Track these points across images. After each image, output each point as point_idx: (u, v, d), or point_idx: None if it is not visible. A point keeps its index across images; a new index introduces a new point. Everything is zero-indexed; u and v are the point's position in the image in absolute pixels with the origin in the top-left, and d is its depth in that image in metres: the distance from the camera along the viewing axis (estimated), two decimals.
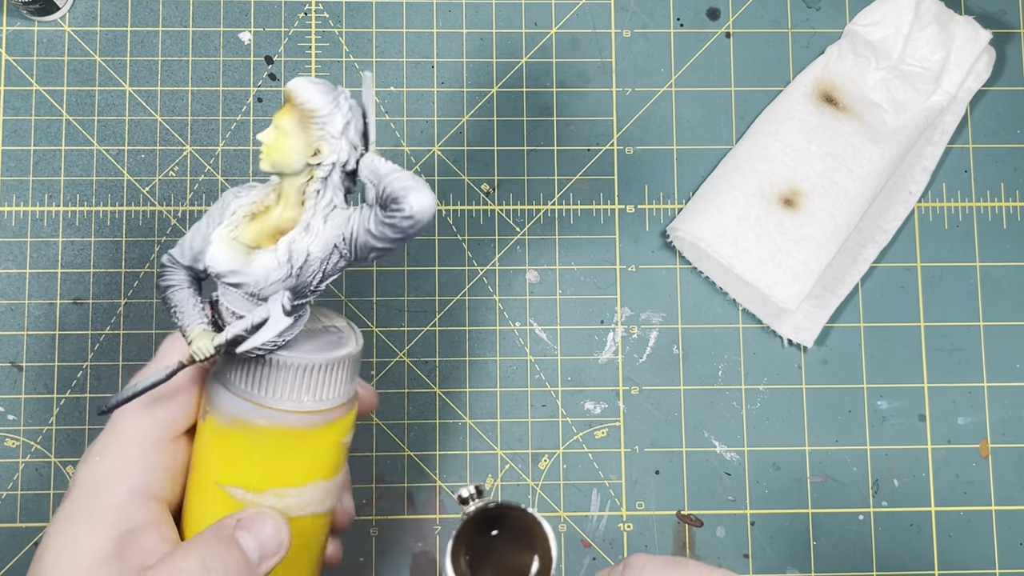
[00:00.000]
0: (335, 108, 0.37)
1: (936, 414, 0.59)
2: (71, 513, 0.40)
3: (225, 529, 0.40)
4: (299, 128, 0.37)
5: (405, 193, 0.36)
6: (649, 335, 0.59)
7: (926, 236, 0.60)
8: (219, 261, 0.38)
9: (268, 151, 0.37)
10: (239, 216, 0.39)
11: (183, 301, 0.39)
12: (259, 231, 0.38)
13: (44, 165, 0.58)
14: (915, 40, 0.59)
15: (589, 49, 0.61)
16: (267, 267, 0.38)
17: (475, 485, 0.42)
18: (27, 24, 0.59)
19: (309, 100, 0.37)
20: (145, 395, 0.41)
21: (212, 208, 0.39)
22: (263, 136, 0.37)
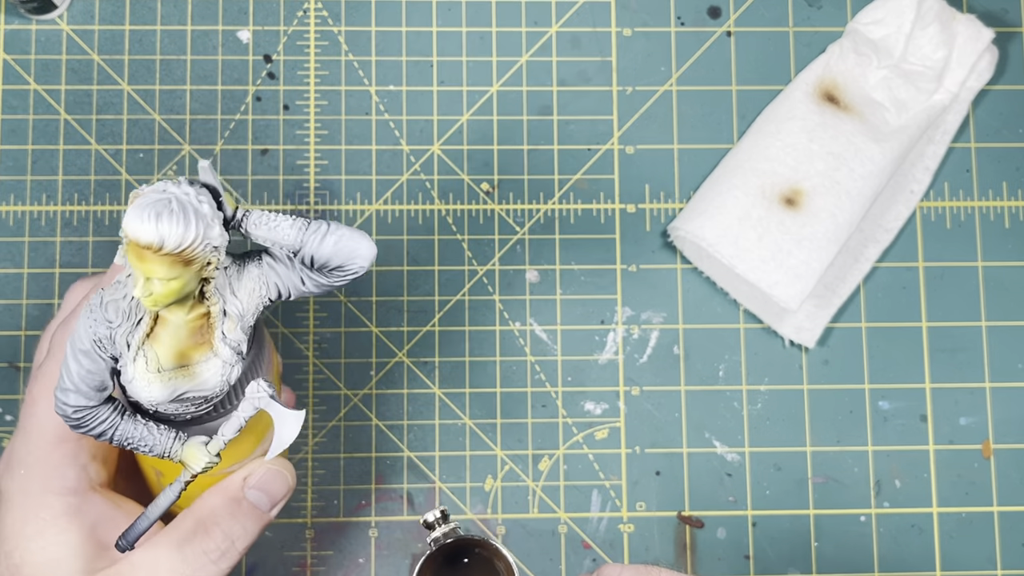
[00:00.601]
0: (204, 224, 0.33)
1: (938, 415, 0.59)
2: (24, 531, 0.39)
3: (234, 492, 0.41)
4: (182, 268, 0.33)
5: (351, 258, 0.34)
6: (650, 335, 0.59)
7: (928, 236, 0.60)
8: (159, 397, 0.35)
9: (157, 300, 0.33)
10: (138, 345, 0.34)
11: (135, 433, 0.36)
12: (174, 349, 0.35)
13: (42, 164, 0.58)
14: (917, 39, 0.59)
15: (589, 48, 0.61)
16: (222, 375, 0.35)
17: (441, 510, 0.43)
18: (25, 23, 0.59)
19: (180, 241, 0.32)
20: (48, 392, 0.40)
21: (82, 344, 0.34)
22: (143, 291, 0.32)
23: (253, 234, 0.34)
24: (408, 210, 0.59)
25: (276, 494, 0.42)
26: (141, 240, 0.32)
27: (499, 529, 0.57)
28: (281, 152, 0.59)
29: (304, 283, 0.35)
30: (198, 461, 0.36)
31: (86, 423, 0.35)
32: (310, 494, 0.57)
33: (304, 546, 0.56)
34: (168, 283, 0.32)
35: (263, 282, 0.35)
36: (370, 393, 0.58)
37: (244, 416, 0.37)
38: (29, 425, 0.40)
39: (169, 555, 0.40)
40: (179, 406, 0.36)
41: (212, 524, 0.40)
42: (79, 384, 0.34)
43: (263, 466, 0.42)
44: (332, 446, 0.57)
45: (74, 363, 0.34)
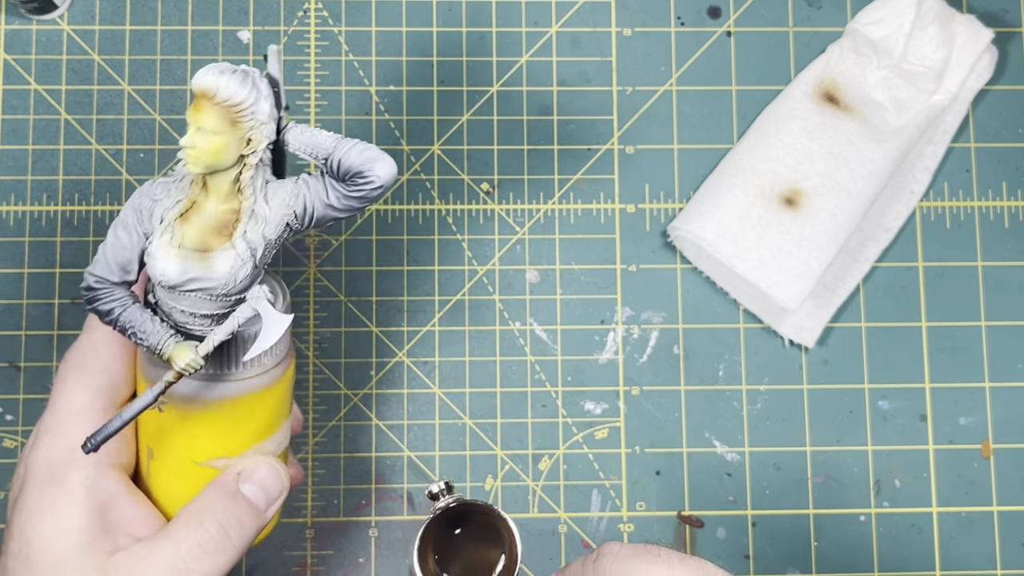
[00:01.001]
0: (257, 94, 0.36)
1: (938, 414, 0.59)
2: (39, 502, 0.40)
3: (228, 485, 0.41)
4: (228, 126, 0.36)
5: (370, 165, 0.36)
6: (650, 335, 0.59)
7: (928, 236, 0.60)
8: (171, 273, 0.37)
9: (198, 155, 0.35)
10: (170, 221, 0.37)
11: (138, 319, 0.38)
12: (200, 231, 0.37)
13: (43, 164, 0.58)
14: (917, 39, 0.59)
15: (589, 48, 0.61)
16: (232, 267, 0.37)
17: (445, 481, 0.43)
18: (25, 23, 0.59)
19: (232, 95, 0.35)
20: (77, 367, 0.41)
21: (126, 218, 0.37)
22: (188, 141, 0.35)
23: (293, 140, 0.37)
24: (408, 210, 0.59)
25: (271, 491, 0.42)
26: (199, 86, 0.35)
27: None
28: None
29: (328, 195, 0.38)
30: (184, 358, 0.37)
31: (100, 297, 0.37)
32: (310, 494, 0.57)
33: (304, 546, 0.56)
34: (212, 137, 0.35)
35: (294, 195, 0.38)
36: (370, 393, 0.58)
37: (240, 317, 0.38)
38: (58, 397, 0.41)
39: (164, 549, 0.39)
40: (192, 301, 0.38)
41: (206, 515, 0.40)
42: (108, 256, 0.37)
43: (256, 462, 0.42)
44: (332, 446, 0.57)
45: (111, 237, 0.37)
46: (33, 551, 0.39)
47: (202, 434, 0.41)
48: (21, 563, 0.39)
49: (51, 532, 0.39)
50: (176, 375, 0.38)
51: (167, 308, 0.38)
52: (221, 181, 0.37)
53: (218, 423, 0.41)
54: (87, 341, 0.42)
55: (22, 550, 0.39)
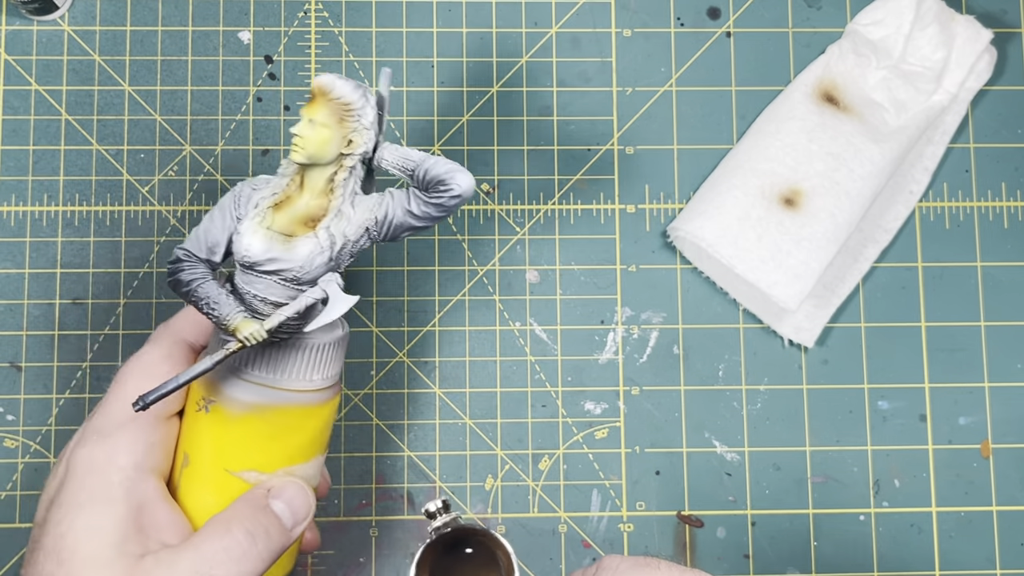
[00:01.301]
0: (365, 102, 0.40)
1: (937, 414, 0.59)
2: (78, 498, 0.40)
3: (259, 499, 0.42)
4: (336, 121, 0.39)
5: (452, 175, 0.40)
6: (649, 335, 0.59)
7: (927, 236, 0.60)
8: (255, 250, 0.40)
9: (305, 144, 0.39)
10: (264, 207, 0.40)
11: (213, 292, 0.40)
12: (289, 220, 0.40)
13: (43, 165, 0.58)
14: (916, 39, 0.59)
15: (589, 48, 0.61)
16: (311, 253, 0.40)
17: (442, 500, 0.43)
18: (26, 23, 0.59)
19: (345, 95, 0.39)
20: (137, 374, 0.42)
21: (224, 202, 0.40)
22: (299, 130, 0.39)
23: (388, 156, 0.41)
24: None
25: (299, 511, 0.43)
26: (319, 83, 0.40)
27: (499, 528, 0.57)
28: (282, 152, 0.59)
29: (410, 202, 0.41)
30: (249, 329, 0.40)
31: (184, 267, 0.40)
32: None
33: None
34: (320, 129, 0.39)
35: (378, 203, 0.41)
36: (370, 393, 0.58)
37: (309, 297, 0.41)
38: (113, 399, 0.42)
39: (189, 555, 0.40)
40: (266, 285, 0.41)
41: (235, 523, 0.41)
42: (200, 234, 0.40)
43: (285, 482, 0.43)
44: (333, 446, 0.57)
45: (206, 219, 0.40)
46: (66, 546, 0.40)
47: (240, 441, 0.42)
48: (53, 558, 0.40)
49: (85, 528, 0.40)
50: (239, 344, 0.40)
51: (242, 291, 0.41)
52: (317, 179, 0.40)
53: (257, 433, 0.42)
54: (150, 351, 0.43)
55: (56, 544, 0.40)
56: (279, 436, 0.42)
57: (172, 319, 0.45)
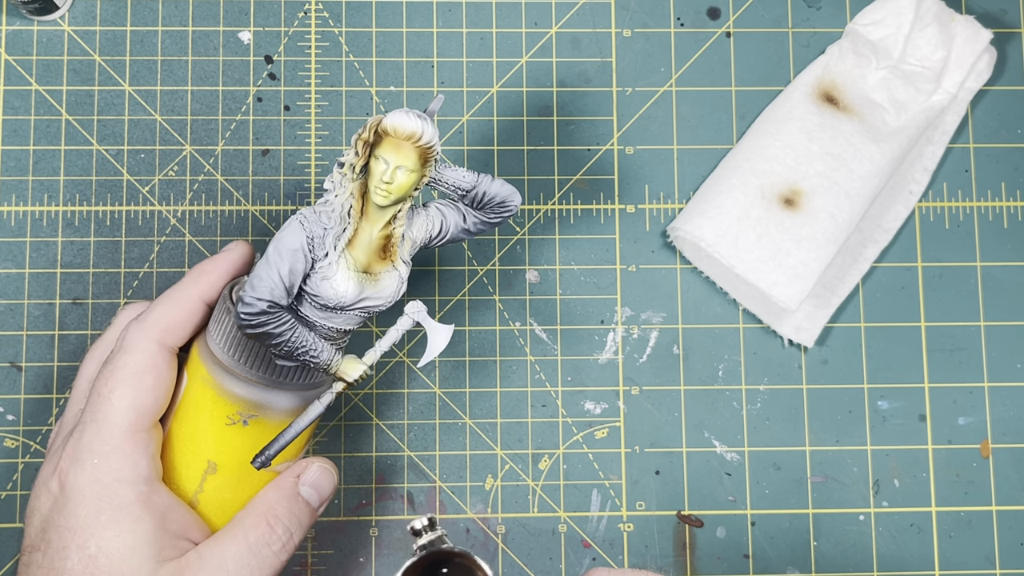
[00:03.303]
0: (438, 135, 0.40)
1: (937, 414, 0.59)
2: (99, 520, 0.41)
3: (290, 487, 0.44)
4: (421, 165, 0.40)
5: (511, 198, 0.43)
6: (649, 335, 0.59)
7: (927, 236, 0.60)
8: (351, 294, 0.41)
9: (394, 190, 0.39)
10: (342, 249, 0.40)
11: (309, 339, 0.41)
12: (364, 255, 0.41)
13: (43, 165, 0.58)
14: (916, 40, 0.59)
15: (589, 49, 0.61)
16: (396, 287, 0.42)
17: (428, 517, 0.44)
18: (26, 24, 0.59)
19: (431, 139, 0.40)
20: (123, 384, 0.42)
21: (293, 244, 0.39)
22: (391, 178, 0.39)
23: (441, 175, 0.42)
24: None
25: (325, 491, 0.45)
26: (406, 130, 0.39)
27: (499, 528, 0.57)
28: (282, 153, 0.59)
29: (466, 220, 0.43)
30: (355, 370, 0.41)
31: (269, 323, 0.39)
32: None
33: (305, 545, 0.56)
34: (409, 174, 0.40)
35: (431, 219, 0.43)
36: (370, 393, 0.58)
37: (402, 328, 0.42)
38: (102, 416, 0.42)
39: (237, 548, 0.42)
40: (347, 318, 0.42)
41: (274, 519, 0.43)
42: (278, 281, 0.39)
43: (313, 464, 0.45)
44: (333, 446, 0.57)
45: (279, 261, 0.39)
46: (100, 567, 0.40)
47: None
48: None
49: (119, 548, 0.40)
50: (346, 386, 0.42)
51: (315, 324, 0.42)
52: (386, 212, 0.41)
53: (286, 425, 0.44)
54: (130, 362, 0.43)
55: (86, 567, 0.40)
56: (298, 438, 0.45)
57: (144, 322, 0.44)
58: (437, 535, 0.44)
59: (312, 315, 0.41)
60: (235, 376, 0.42)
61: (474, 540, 0.57)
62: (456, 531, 0.57)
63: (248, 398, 0.42)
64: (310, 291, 0.41)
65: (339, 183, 0.40)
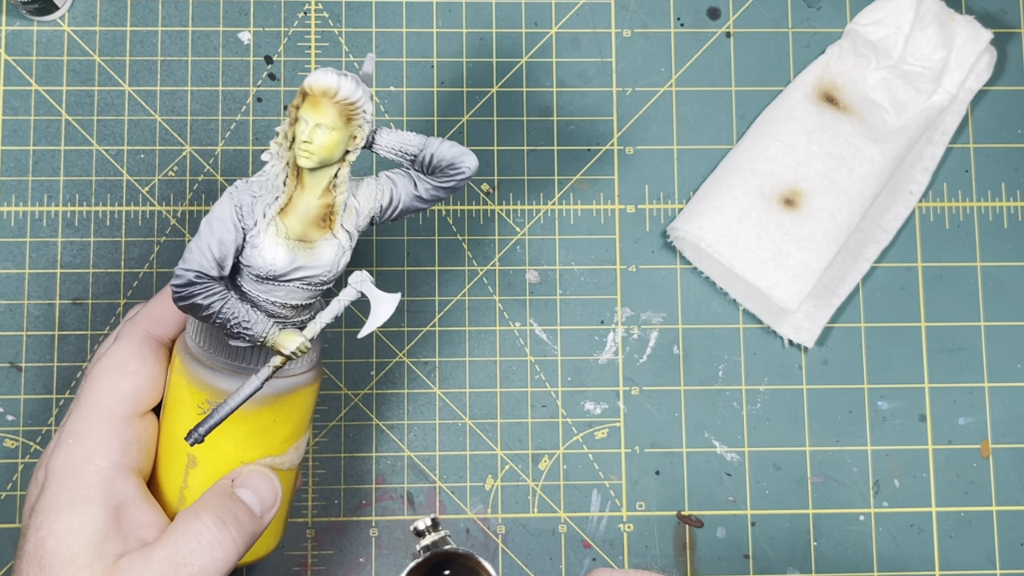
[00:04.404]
0: (365, 95, 0.39)
1: (937, 414, 0.59)
2: (58, 500, 0.40)
3: (225, 488, 0.42)
4: (344, 122, 0.38)
5: (462, 158, 0.41)
6: (649, 335, 0.59)
7: (927, 236, 0.60)
8: (281, 262, 0.39)
9: (315, 149, 0.38)
10: (272, 216, 0.39)
11: (241, 311, 0.40)
12: (300, 224, 0.40)
13: (43, 165, 0.58)
14: (916, 40, 0.59)
15: (589, 49, 0.61)
16: (335, 255, 0.40)
17: (431, 518, 0.44)
18: (26, 24, 0.59)
19: (351, 94, 0.38)
20: (106, 372, 0.42)
21: (222, 213, 0.39)
22: (308, 136, 0.38)
23: (382, 143, 0.40)
24: None
25: (265, 497, 0.43)
26: (321, 85, 0.38)
27: (499, 528, 0.57)
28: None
29: (417, 187, 0.42)
30: (292, 342, 0.40)
31: (198, 292, 0.38)
32: (311, 494, 0.57)
33: (305, 546, 0.56)
34: (330, 132, 0.38)
35: (379, 188, 0.41)
36: (370, 393, 0.58)
37: (345, 300, 0.41)
38: (84, 400, 0.42)
39: (163, 547, 0.40)
40: (288, 291, 0.40)
41: (202, 510, 0.41)
42: (206, 251, 0.38)
43: (249, 470, 0.43)
44: (333, 446, 0.57)
45: (209, 233, 0.38)
46: (47, 550, 0.40)
47: (254, 432, 0.43)
48: (35, 563, 0.39)
49: (65, 530, 0.40)
50: (283, 359, 0.40)
51: (258, 300, 0.40)
52: (320, 177, 0.40)
53: (266, 421, 0.43)
54: (119, 349, 0.43)
55: (36, 549, 0.40)
56: (284, 419, 0.44)
57: (137, 315, 0.45)
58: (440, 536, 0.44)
59: (252, 289, 0.40)
60: (202, 364, 0.42)
61: (474, 540, 0.57)
62: (456, 531, 0.57)
63: (214, 385, 0.42)
64: (244, 261, 0.40)
65: (275, 153, 0.40)
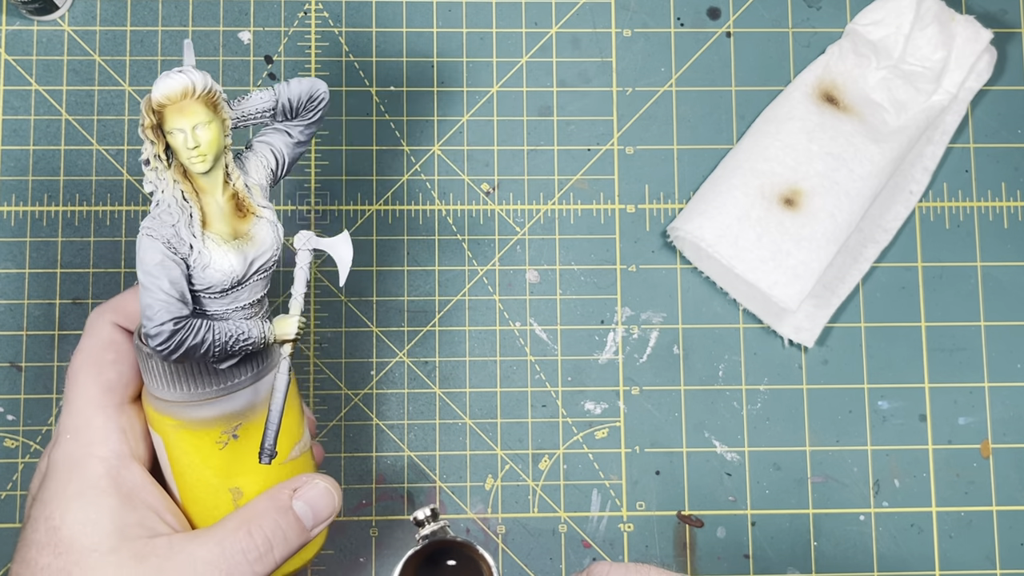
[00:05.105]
0: (208, 77, 0.38)
1: (937, 414, 0.59)
2: (66, 491, 0.41)
3: (282, 500, 0.42)
4: (214, 112, 0.38)
5: (314, 87, 0.41)
6: (649, 335, 0.59)
7: (927, 236, 0.60)
8: (238, 265, 0.39)
9: (206, 150, 0.38)
10: (200, 234, 0.39)
11: (232, 328, 0.40)
12: (225, 225, 0.40)
13: (43, 165, 0.58)
14: (916, 39, 0.59)
15: (589, 48, 0.61)
16: (272, 232, 0.40)
17: (431, 508, 0.44)
18: (26, 24, 0.59)
19: (206, 84, 0.38)
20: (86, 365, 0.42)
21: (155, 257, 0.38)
22: (193, 142, 0.38)
23: (242, 112, 0.40)
24: (408, 210, 0.59)
25: (321, 512, 0.43)
26: (176, 90, 0.37)
27: (499, 528, 0.57)
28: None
29: (291, 134, 0.42)
30: (291, 326, 0.40)
31: (185, 337, 0.38)
32: None
33: None
34: (208, 126, 0.38)
35: (260, 154, 0.41)
36: (370, 393, 0.58)
37: (304, 265, 0.41)
38: (72, 396, 0.42)
39: (210, 548, 0.41)
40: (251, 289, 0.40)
41: (256, 526, 0.41)
42: (165, 297, 0.38)
43: (316, 481, 0.43)
44: (333, 446, 0.57)
45: (154, 279, 0.38)
46: (62, 539, 0.40)
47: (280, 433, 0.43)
48: (48, 552, 0.40)
49: (82, 520, 0.40)
50: (292, 345, 0.41)
51: (226, 313, 0.40)
52: (213, 175, 0.39)
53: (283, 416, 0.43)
54: (91, 342, 0.43)
55: (49, 538, 0.40)
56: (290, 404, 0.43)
57: (100, 307, 0.45)
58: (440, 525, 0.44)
59: (216, 308, 0.40)
60: (195, 404, 0.41)
61: (474, 540, 0.57)
62: (456, 531, 0.57)
63: (220, 415, 0.41)
64: (200, 286, 0.39)
65: (156, 179, 0.39)
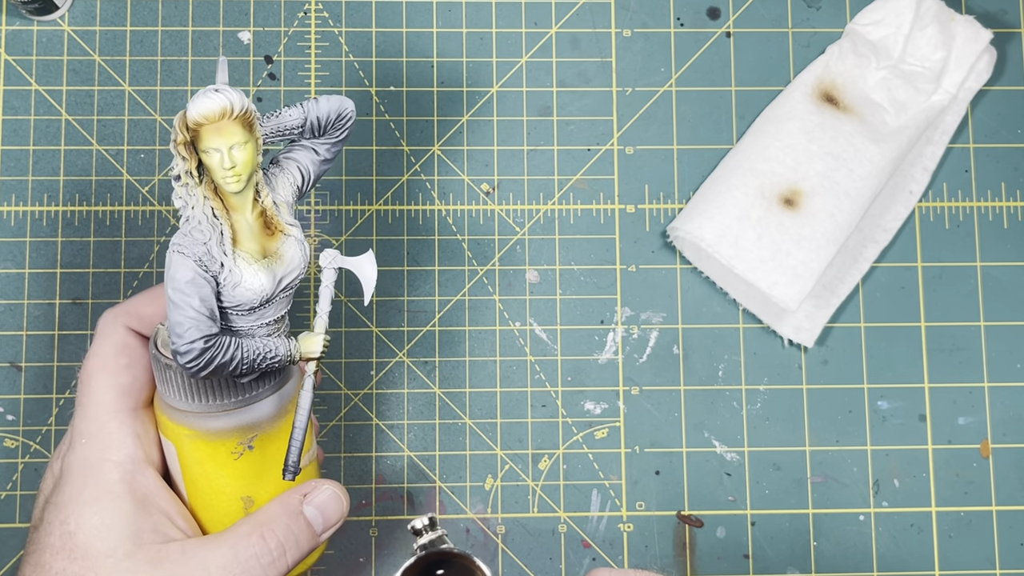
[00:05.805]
0: (246, 98, 0.39)
1: (937, 414, 0.59)
2: (81, 496, 0.41)
3: (294, 505, 0.43)
4: (250, 133, 0.39)
5: (342, 104, 0.42)
6: (649, 335, 0.59)
7: (927, 236, 0.60)
8: (268, 284, 0.40)
9: (242, 170, 0.38)
10: (231, 252, 0.39)
11: (260, 346, 0.40)
12: (255, 243, 0.40)
13: (43, 165, 0.58)
14: (916, 40, 0.59)
15: (589, 48, 0.61)
16: (300, 251, 0.41)
17: (428, 516, 0.44)
18: (26, 24, 0.59)
19: (244, 104, 0.38)
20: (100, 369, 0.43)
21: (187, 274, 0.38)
22: (230, 162, 0.38)
23: (272, 129, 0.41)
24: (408, 210, 0.59)
25: (331, 517, 0.44)
26: (215, 110, 0.37)
27: (499, 528, 0.57)
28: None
29: (317, 152, 0.42)
30: (316, 343, 0.41)
31: (215, 355, 0.38)
32: None
33: None
34: (244, 147, 0.38)
35: (288, 172, 0.42)
36: (370, 393, 0.58)
37: (330, 283, 0.42)
38: (86, 400, 0.43)
39: (223, 552, 0.41)
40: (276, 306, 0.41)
41: (268, 531, 0.42)
42: (195, 315, 0.38)
43: (324, 486, 0.44)
44: (333, 446, 0.57)
45: (185, 297, 0.38)
46: (78, 544, 0.40)
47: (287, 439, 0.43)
48: (63, 556, 0.40)
49: (97, 526, 0.40)
50: (317, 362, 0.42)
51: (252, 330, 0.41)
52: (244, 193, 0.39)
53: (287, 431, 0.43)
54: (105, 346, 0.43)
55: (65, 544, 0.40)
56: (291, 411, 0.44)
57: (115, 309, 0.45)
58: (437, 535, 0.44)
59: (242, 324, 0.40)
60: (213, 415, 0.42)
61: (474, 540, 0.57)
62: (456, 531, 0.57)
63: (237, 426, 0.42)
64: (229, 304, 0.40)
65: (187, 195, 0.39)
